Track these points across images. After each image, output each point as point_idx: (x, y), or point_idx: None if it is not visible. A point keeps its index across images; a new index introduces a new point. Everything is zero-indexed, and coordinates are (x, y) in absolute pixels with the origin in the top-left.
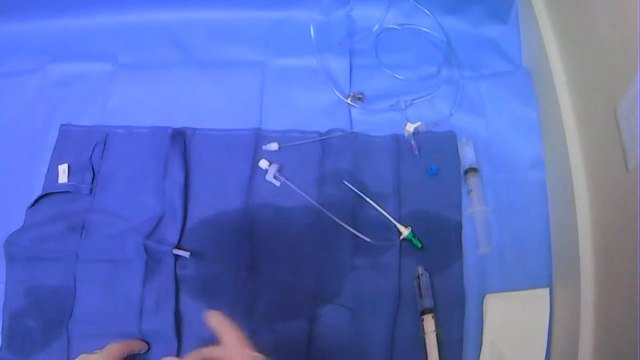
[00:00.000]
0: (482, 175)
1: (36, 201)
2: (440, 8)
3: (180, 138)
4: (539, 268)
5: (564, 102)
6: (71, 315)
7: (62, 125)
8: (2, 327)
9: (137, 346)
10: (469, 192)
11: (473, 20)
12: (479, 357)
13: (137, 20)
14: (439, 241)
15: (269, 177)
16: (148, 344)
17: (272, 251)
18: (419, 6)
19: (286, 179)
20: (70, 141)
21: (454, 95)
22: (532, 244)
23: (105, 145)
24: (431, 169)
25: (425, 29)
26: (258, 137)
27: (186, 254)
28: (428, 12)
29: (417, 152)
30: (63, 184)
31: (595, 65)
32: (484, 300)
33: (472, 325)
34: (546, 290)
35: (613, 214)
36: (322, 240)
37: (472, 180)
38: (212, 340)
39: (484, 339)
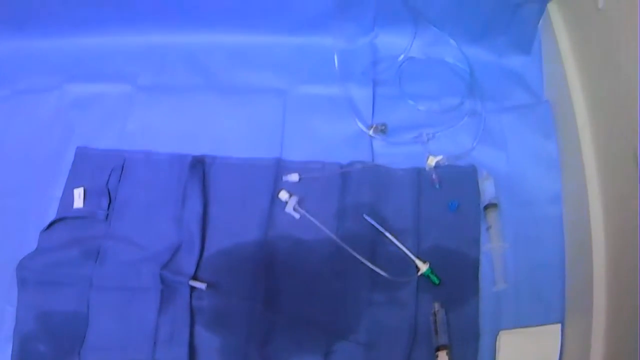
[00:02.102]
0: (500, 209)
1: (50, 225)
2: (465, 37)
3: (199, 166)
4: (553, 303)
5: (585, 138)
6: (83, 341)
7: (78, 147)
8: (12, 351)
9: None
10: (487, 228)
11: (496, 51)
12: None
13: (158, 42)
14: (456, 277)
15: (289, 209)
16: None
17: (289, 284)
18: (444, 35)
19: (306, 211)
20: (86, 164)
21: (476, 128)
22: (546, 279)
23: (122, 170)
24: (452, 204)
25: (449, 59)
26: (279, 167)
27: (202, 286)
28: (453, 41)
29: (438, 186)
30: (79, 209)
31: (617, 103)
32: (498, 336)
33: None
34: (558, 327)
35: (628, 253)
36: (340, 275)
37: (492, 216)
38: None
39: None
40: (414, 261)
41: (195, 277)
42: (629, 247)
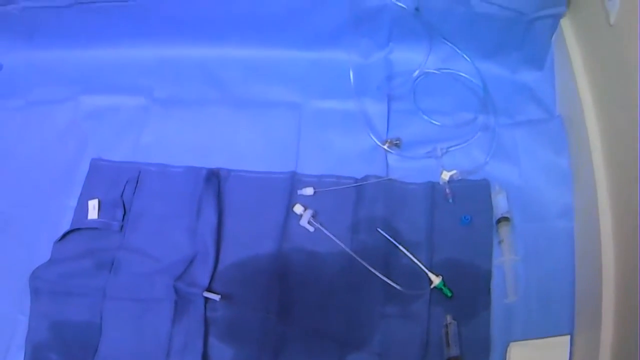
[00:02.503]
0: (512, 223)
1: (64, 235)
2: (479, 53)
3: (214, 179)
4: (563, 316)
5: (596, 153)
6: (96, 351)
7: (93, 159)
8: None
9: None
10: (500, 241)
11: (510, 66)
12: None
13: (173, 55)
14: (468, 290)
15: (304, 222)
16: None
17: (303, 296)
18: (458, 51)
19: (320, 224)
20: (101, 176)
21: (489, 143)
22: (556, 292)
23: (137, 182)
24: (464, 218)
25: (463, 74)
26: (293, 180)
27: (216, 297)
28: (466, 57)
29: (451, 201)
30: (93, 220)
31: (628, 118)
32: (508, 348)
33: None
34: (567, 338)
35: (637, 267)
36: (354, 287)
37: (504, 230)
38: None
39: None
40: (426, 274)
41: (209, 289)
42: (638, 262)
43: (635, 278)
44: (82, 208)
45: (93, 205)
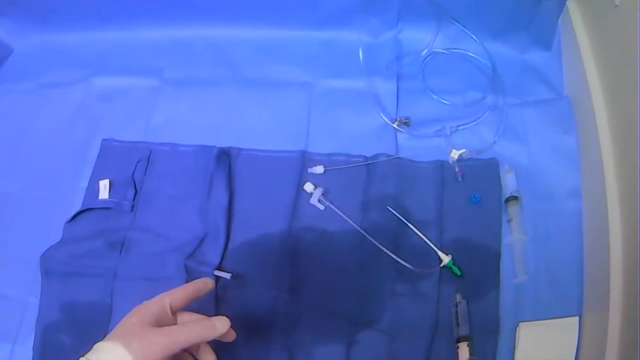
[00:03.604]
0: (521, 203)
1: (75, 216)
2: (487, 33)
3: (225, 158)
4: (572, 296)
5: (603, 133)
6: (107, 332)
7: (104, 140)
8: (35, 342)
9: (202, 287)
10: (509, 220)
11: (518, 46)
12: None
13: (184, 36)
14: (478, 269)
15: (314, 200)
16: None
17: (314, 275)
18: (466, 31)
19: (330, 202)
20: (112, 156)
21: (498, 122)
22: (566, 272)
23: (148, 162)
24: (474, 197)
25: (472, 54)
26: (304, 159)
27: (227, 276)
28: (475, 37)
29: (460, 180)
30: (104, 200)
31: (635, 97)
32: (517, 328)
33: (505, 353)
34: (576, 319)
35: None
36: (364, 266)
37: (513, 209)
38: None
39: None
40: (436, 253)
41: (220, 268)
42: None
43: None
44: (93, 188)
45: (104, 185)
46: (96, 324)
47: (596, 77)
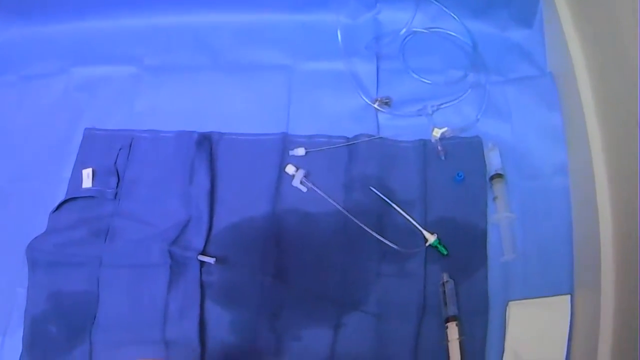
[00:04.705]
0: (507, 181)
1: (60, 206)
2: (467, 11)
3: (206, 143)
4: (562, 275)
5: (588, 108)
6: (94, 321)
7: (86, 129)
8: (24, 333)
9: None
10: (494, 198)
11: (499, 24)
12: None
13: (163, 23)
14: (464, 248)
15: (296, 182)
16: None
17: (298, 257)
18: (446, 10)
19: (313, 184)
20: (94, 145)
21: (480, 100)
22: (555, 250)
23: (130, 149)
24: (458, 175)
25: (452, 33)
26: (285, 142)
27: (211, 260)
28: (454, 16)
29: (443, 158)
30: (87, 189)
31: (619, 71)
32: (507, 307)
33: (495, 332)
34: (567, 298)
35: (635, 221)
36: (348, 247)
37: (498, 186)
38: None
39: (506, 346)
40: (421, 232)
41: (204, 253)
42: (635, 216)
43: (634, 234)
44: (76, 177)
45: (87, 174)
46: (83, 313)
47: (580, 52)
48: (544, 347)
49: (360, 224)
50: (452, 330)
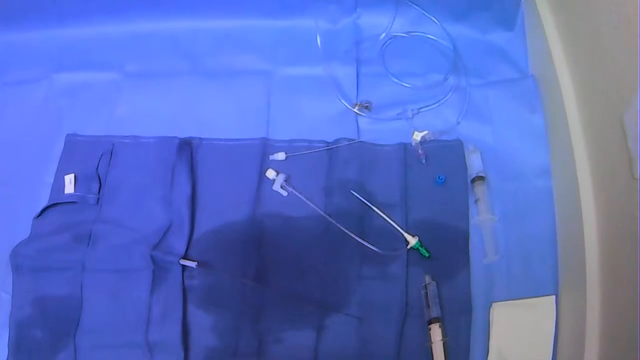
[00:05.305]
0: (489, 183)
1: (42, 211)
2: (447, 15)
3: (187, 148)
4: (546, 276)
5: (571, 110)
6: (78, 325)
7: (68, 135)
8: (9, 338)
9: None
10: (476, 200)
11: (480, 27)
12: None
13: (143, 30)
14: (446, 250)
15: (276, 187)
16: None
17: (280, 261)
18: (426, 14)
19: (293, 188)
20: (76, 151)
21: (461, 103)
22: (538, 252)
23: (111, 155)
24: (439, 178)
25: (432, 37)
26: (265, 146)
27: (193, 264)
28: (435, 20)
29: (424, 161)
30: (70, 195)
31: (601, 73)
32: (491, 308)
33: (479, 334)
34: (552, 298)
35: (619, 222)
36: (330, 250)
37: (479, 189)
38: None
39: (490, 347)
40: (402, 235)
41: (186, 257)
42: (619, 216)
43: (618, 234)
44: (58, 183)
45: (69, 179)
46: (68, 317)
47: (562, 54)
48: (530, 349)
49: (342, 227)
50: (436, 332)
